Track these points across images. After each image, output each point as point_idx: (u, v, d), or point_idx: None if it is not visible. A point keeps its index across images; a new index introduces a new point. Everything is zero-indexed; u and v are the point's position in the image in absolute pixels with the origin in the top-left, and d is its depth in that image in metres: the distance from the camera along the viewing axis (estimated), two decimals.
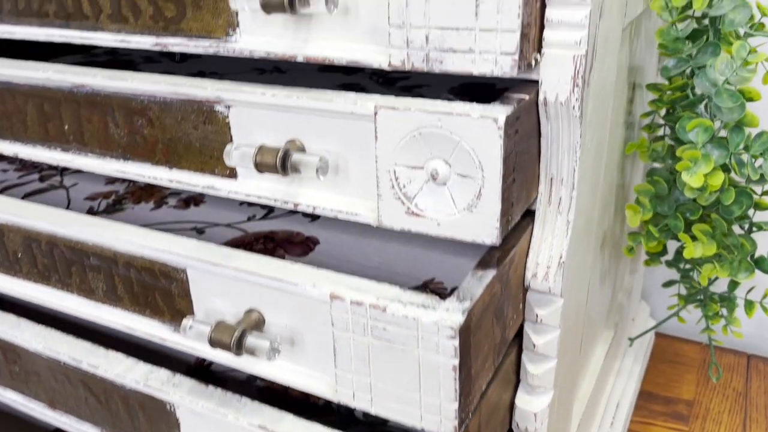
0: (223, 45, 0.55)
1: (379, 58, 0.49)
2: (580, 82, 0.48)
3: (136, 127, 0.61)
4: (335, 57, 0.51)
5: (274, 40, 0.53)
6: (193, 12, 0.56)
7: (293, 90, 0.52)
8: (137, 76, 0.59)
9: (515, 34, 0.44)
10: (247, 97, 0.53)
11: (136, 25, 0.59)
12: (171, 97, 0.57)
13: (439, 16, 0.46)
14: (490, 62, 0.46)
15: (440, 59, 0.47)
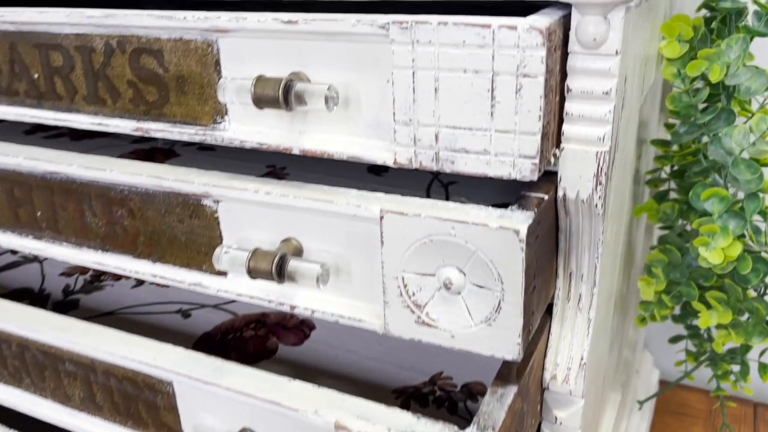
0: (210, 133, 0.51)
1: (384, 155, 0.45)
2: (604, 180, 0.44)
3: (116, 218, 0.56)
4: (335, 152, 0.46)
5: (266, 131, 0.49)
6: (176, 97, 0.51)
7: (289, 187, 0.48)
8: (116, 165, 0.54)
9: (536, 137, 0.40)
10: (238, 194, 0.48)
11: (115, 107, 0.54)
12: (154, 189, 0.52)
13: (449, 114, 0.42)
14: (507, 165, 0.41)
15: (451, 159, 0.43)
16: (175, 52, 0.50)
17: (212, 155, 0.69)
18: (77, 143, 0.73)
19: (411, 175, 0.62)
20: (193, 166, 0.53)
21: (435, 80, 0.41)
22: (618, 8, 0.39)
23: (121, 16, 0.50)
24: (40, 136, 0.76)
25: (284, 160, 0.68)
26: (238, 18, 0.46)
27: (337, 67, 0.45)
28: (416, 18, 0.41)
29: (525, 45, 0.38)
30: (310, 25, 0.44)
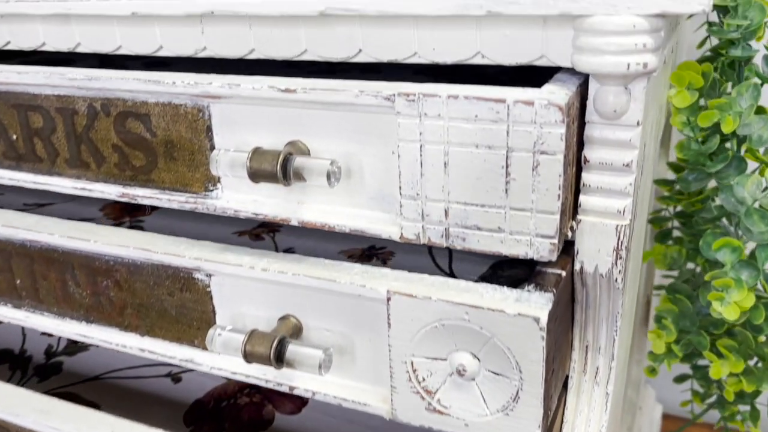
0: (202, 201, 0.48)
1: (389, 229, 0.42)
2: (624, 254, 0.41)
3: (101, 288, 0.52)
4: (336, 224, 0.43)
5: (262, 200, 0.46)
6: (165, 162, 0.48)
7: (288, 262, 0.45)
8: (101, 235, 0.50)
9: (554, 216, 0.37)
10: (233, 270, 0.45)
11: (99, 172, 0.51)
12: (142, 260, 0.49)
13: (460, 190, 0.39)
14: (523, 244, 0.39)
15: (462, 236, 0.40)
16: (164, 116, 0.47)
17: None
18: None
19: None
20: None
21: (444, 154, 0.38)
22: (640, 79, 0.37)
23: (105, 78, 0.47)
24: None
25: None
26: (231, 84, 0.43)
27: (339, 137, 0.42)
28: (424, 89, 0.38)
29: (542, 121, 0.35)
30: (310, 95, 0.41)
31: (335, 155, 0.43)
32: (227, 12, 0.44)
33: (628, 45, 0.35)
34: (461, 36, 0.41)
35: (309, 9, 0.42)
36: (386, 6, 0.40)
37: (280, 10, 0.43)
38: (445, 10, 0.38)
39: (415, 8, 0.39)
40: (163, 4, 0.46)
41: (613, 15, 0.35)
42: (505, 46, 0.40)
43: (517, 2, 0.37)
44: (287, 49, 0.46)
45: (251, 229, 0.53)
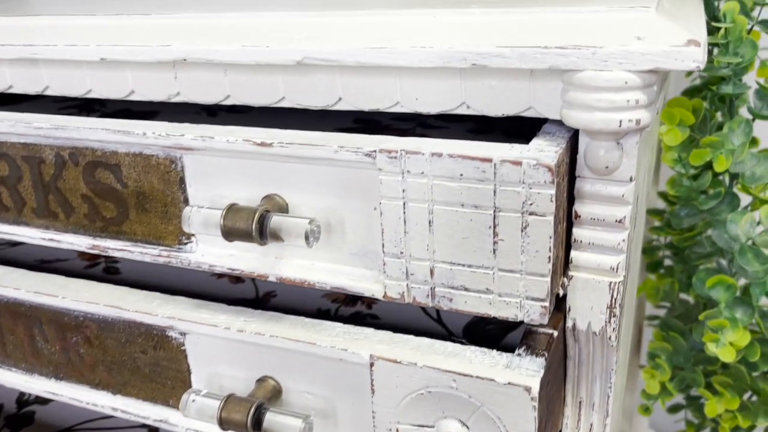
0: (176, 255, 0.45)
1: (372, 287, 0.40)
2: (618, 311, 0.39)
3: (70, 344, 0.50)
4: (317, 281, 0.41)
5: (239, 255, 0.44)
6: (137, 214, 0.46)
7: (266, 321, 0.43)
8: (70, 290, 0.48)
9: (545, 279, 0.35)
10: (207, 330, 0.43)
11: (68, 222, 0.49)
12: (113, 317, 0.47)
13: (446, 249, 0.37)
14: (513, 307, 0.37)
15: (449, 297, 0.38)
16: (135, 167, 0.45)
17: None
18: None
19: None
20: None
21: (429, 213, 0.37)
22: (632, 134, 0.35)
23: (73, 128, 0.45)
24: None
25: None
26: (205, 137, 0.41)
27: (319, 191, 0.40)
28: (406, 146, 0.36)
29: (531, 182, 0.34)
30: (287, 149, 0.39)
31: (315, 210, 0.41)
32: (200, 60, 0.42)
33: (620, 102, 0.33)
34: (445, 86, 0.39)
35: (286, 58, 0.40)
36: (366, 57, 0.38)
37: (256, 58, 0.41)
38: (427, 62, 0.37)
39: (396, 60, 0.37)
40: (133, 51, 0.44)
41: (603, 71, 0.33)
42: (490, 97, 0.38)
43: (503, 55, 0.35)
44: (264, 96, 0.44)
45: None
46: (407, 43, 0.37)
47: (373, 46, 0.38)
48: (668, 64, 0.32)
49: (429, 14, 0.38)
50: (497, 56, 0.35)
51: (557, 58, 0.34)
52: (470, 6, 0.39)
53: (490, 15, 0.37)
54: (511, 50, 0.35)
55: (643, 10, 0.34)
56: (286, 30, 0.41)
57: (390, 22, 0.39)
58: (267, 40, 0.41)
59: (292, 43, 0.40)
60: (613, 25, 0.34)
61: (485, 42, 0.35)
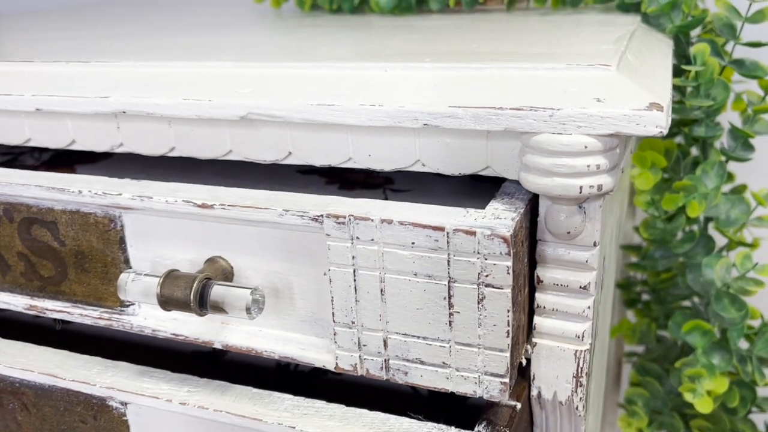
0: (117, 317, 0.42)
1: (323, 357, 0.37)
2: (585, 380, 0.37)
3: (7, 411, 0.46)
4: (264, 349, 0.39)
5: (183, 319, 0.41)
6: (76, 274, 0.43)
7: (211, 392, 0.40)
8: (5, 355, 0.45)
9: (504, 354, 0.33)
10: (148, 401, 0.40)
11: (4, 281, 0.46)
12: (49, 384, 0.44)
13: (399, 320, 0.34)
14: (471, 382, 0.34)
15: (404, 370, 0.35)
16: (72, 225, 0.42)
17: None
18: None
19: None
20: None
21: (380, 281, 0.34)
22: (595, 198, 0.33)
23: (5, 184, 0.42)
24: None
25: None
26: (143, 197, 0.38)
27: (265, 254, 0.38)
28: (355, 210, 0.33)
29: (486, 252, 0.31)
30: (229, 212, 0.36)
31: (261, 274, 0.38)
32: (141, 113, 0.40)
33: (580, 167, 0.31)
34: (399, 143, 0.36)
35: (229, 113, 0.38)
36: (313, 115, 0.35)
37: (198, 113, 0.38)
38: (377, 121, 0.34)
39: (344, 118, 0.35)
40: (70, 101, 0.42)
41: (562, 134, 0.31)
42: (446, 155, 0.36)
43: (455, 116, 0.33)
44: (211, 149, 0.41)
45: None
46: (356, 101, 0.35)
47: (320, 103, 0.35)
48: (629, 129, 0.30)
49: (380, 68, 0.36)
50: (450, 117, 0.33)
51: (513, 120, 0.32)
52: (423, 60, 0.36)
53: (443, 70, 0.35)
54: (464, 110, 0.32)
55: (603, 68, 0.32)
56: (230, 82, 0.39)
57: (339, 76, 0.37)
58: (210, 93, 0.38)
59: (237, 97, 0.38)
60: (572, 84, 0.32)
61: (438, 101, 0.33)
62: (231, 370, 0.56)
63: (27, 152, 0.70)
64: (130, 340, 0.61)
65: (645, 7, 0.54)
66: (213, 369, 0.57)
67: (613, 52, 0.35)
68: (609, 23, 0.49)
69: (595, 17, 0.53)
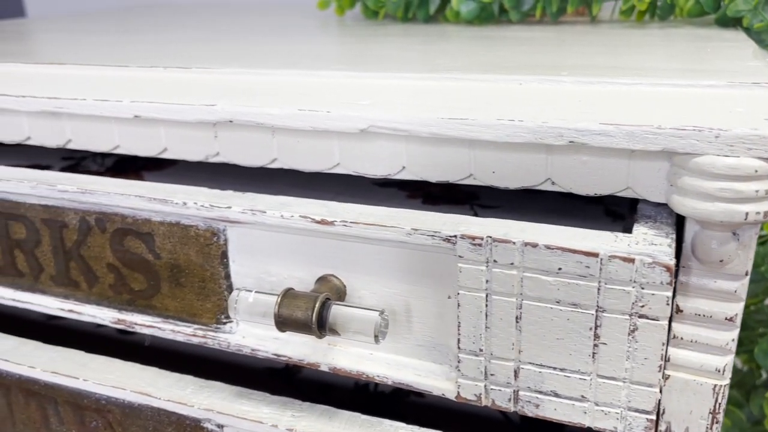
0: (213, 335, 0.41)
1: (442, 385, 0.35)
2: (721, 416, 0.35)
3: (89, 429, 0.44)
4: (376, 374, 0.37)
5: (286, 338, 0.39)
6: (170, 288, 0.41)
7: (317, 418, 0.38)
8: (93, 371, 0.43)
9: (653, 389, 0.31)
10: (250, 426, 0.38)
11: (90, 292, 0.44)
12: (140, 403, 0.42)
13: (535, 350, 0.32)
14: (612, 417, 0.32)
15: (535, 402, 0.33)
16: (170, 237, 0.40)
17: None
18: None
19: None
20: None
21: (517, 308, 0.32)
22: (751, 226, 0.31)
23: (102, 193, 0.40)
24: None
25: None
26: (255, 211, 0.36)
27: (383, 274, 0.36)
28: (493, 232, 0.32)
29: (644, 282, 0.29)
30: (351, 229, 0.34)
31: (377, 295, 0.36)
32: (249, 122, 0.38)
33: (747, 192, 0.29)
34: (527, 160, 0.34)
35: (348, 126, 0.36)
36: (443, 129, 0.33)
37: (313, 124, 0.36)
38: (516, 137, 0.32)
39: (479, 133, 0.33)
40: (171, 109, 0.40)
41: (728, 156, 0.29)
42: (581, 174, 0.34)
43: (606, 134, 0.31)
44: (318, 161, 0.39)
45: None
46: (492, 115, 0.33)
47: (452, 117, 0.33)
48: None
49: (513, 81, 0.34)
50: (600, 134, 0.31)
51: (672, 140, 0.30)
52: (560, 74, 0.34)
53: (585, 85, 0.33)
54: (617, 128, 0.30)
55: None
56: (346, 92, 0.37)
57: (468, 88, 0.35)
58: (326, 103, 0.37)
59: (356, 108, 0.36)
60: (737, 103, 0.30)
61: (586, 118, 0.31)
62: (306, 388, 0.54)
63: (89, 157, 0.68)
64: (190, 353, 0.59)
65: (747, 22, 0.52)
66: (287, 387, 0.55)
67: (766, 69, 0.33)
68: (719, 38, 0.47)
69: (698, 31, 0.51)
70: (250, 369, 0.56)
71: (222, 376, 0.51)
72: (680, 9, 0.59)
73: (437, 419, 0.49)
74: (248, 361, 0.57)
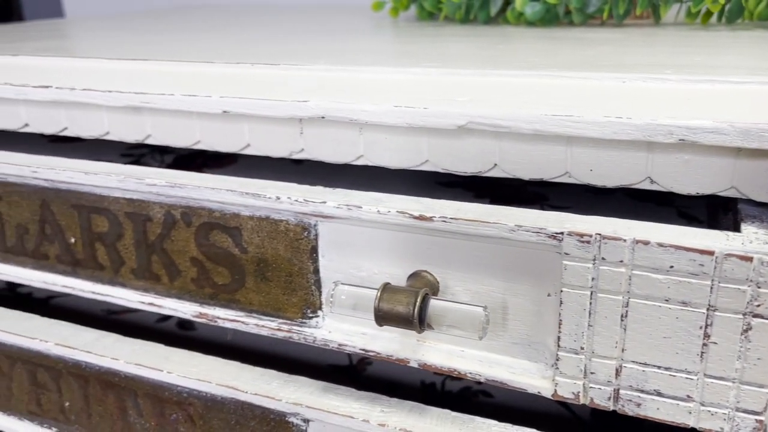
0: (298, 330, 0.41)
1: (538, 383, 0.35)
2: None
3: (168, 421, 0.45)
4: (468, 371, 0.37)
5: (373, 333, 0.39)
6: (255, 282, 0.41)
7: (408, 414, 0.38)
8: (177, 364, 0.43)
9: (764, 390, 0.31)
10: (340, 420, 0.38)
11: (171, 286, 0.44)
12: (223, 396, 0.42)
13: (640, 348, 0.32)
14: (718, 418, 0.32)
15: (637, 401, 0.33)
16: (258, 231, 0.40)
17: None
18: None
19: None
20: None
21: (622, 306, 0.32)
22: None
23: (192, 187, 0.41)
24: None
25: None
26: (350, 206, 0.36)
27: (479, 271, 0.36)
28: (602, 229, 0.31)
29: (762, 280, 0.29)
30: (450, 225, 0.34)
31: (471, 292, 0.36)
32: (343, 119, 0.38)
33: None
34: (626, 158, 0.34)
35: (446, 122, 0.36)
36: (546, 126, 0.34)
37: (410, 121, 0.37)
38: (623, 135, 0.32)
39: (585, 130, 0.33)
40: (261, 105, 0.40)
41: None
42: (684, 173, 0.34)
43: (720, 131, 0.31)
44: (404, 158, 0.40)
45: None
46: (595, 112, 0.33)
47: (555, 113, 0.33)
48: None
49: (617, 78, 0.34)
50: (713, 132, 0.31)
51: None
52: (664, 72, 0.34)
53: (693, 83, 0.33)
54: (731, 126, 0.30)
55: None
56: (441, 90, 0.37)
57: (569, 86, 0.35)
58: (422, 100, 0.37)
59: (455, 105, 0.36)
60: None
61: (699, 115, 0.31)
62: (373, 386, 0.54)
63: (147, 154, 0.69)
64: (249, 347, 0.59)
65: None
66: (354, 385, 0.55)
67: None
68: None
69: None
70: (313, 366, 0.56)
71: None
72: (749, 12, 0.59)
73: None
74: (314, 357, 0.57)
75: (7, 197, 0.48)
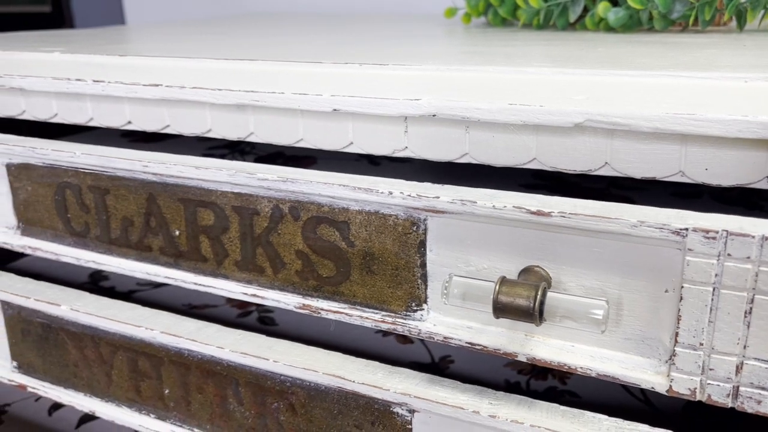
0: (402, 322, 0.42)
1: (651, 379, 0.36)
2: None
3: (269, 410, 0.46)
4: (578, 366, 0.37)
5: (479, 328, 0.40)
6: (360, 275, 0.43)
7: (516, 406, 0.38)
8: (283, 354, 0.45)
9: None
10: (448, 411, 0.39)
11: (275, 278, 0.46)
12: (327, 385, 0.43)
13: (762, 345, 0.32)
14: None
15: (757, 398, 0.33)
16: (366, 226, 0.42)
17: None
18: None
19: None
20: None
21: (747, 303, 0.32)
22: None
23: (303, 182, 0.42)
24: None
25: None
26: (465, 201, 0.37)
27: (594, 266, 0.36)
28: (729, 226, 0.32)
29: None
30: (569, 220, 0.35)
31: (584, 288, 0.37)
32: (455, 116, 0.39)
33: None
34: (746, 156, 0.35)
35: (563, 120, 0.37)
36: (667, 124, 0.34)
37: (525, 118, 0.37)
38: (747, 132, 0.33)
39: (708, 128, 0.33)
40: (371, 103, 0.42)
41: None
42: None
43: None
44: (510, 156, 0.40)
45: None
46: (722, 111, 0.33)
47: (677, 112, 0.34)
48: None
49: (738, 78, 0.35)
50: None
51: None
52: None
53: None
54: None
55: None
56: (556, 89, 0.38)
57: (686, 85, 0.36)
58: (537, 98, 0.38)
59: (572, 103, 0.37)
60: None
61: None
62: None
63: (227, 154, 0.71)
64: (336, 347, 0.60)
65: None
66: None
67: None
68: None
69: None
70: (396, 362, 0.57)
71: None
72: None
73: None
74: (393, 354, 0.58)
75: (114, 191, 0.51)
